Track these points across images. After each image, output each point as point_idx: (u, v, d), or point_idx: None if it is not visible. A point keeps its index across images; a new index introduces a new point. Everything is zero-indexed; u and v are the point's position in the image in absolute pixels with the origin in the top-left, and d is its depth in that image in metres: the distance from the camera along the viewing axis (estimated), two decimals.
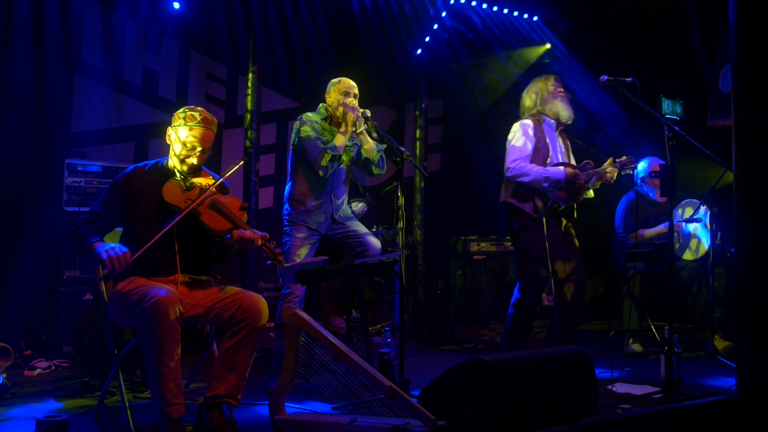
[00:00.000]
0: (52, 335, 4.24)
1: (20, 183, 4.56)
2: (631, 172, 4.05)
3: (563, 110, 4.11)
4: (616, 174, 4.00)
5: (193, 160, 2.96)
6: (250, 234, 2.84)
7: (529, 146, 4.00)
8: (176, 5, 5.33)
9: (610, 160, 4.02)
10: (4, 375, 3.42)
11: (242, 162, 3.11)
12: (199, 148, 2.95)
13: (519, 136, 4.04)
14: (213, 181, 3.03)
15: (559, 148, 4.14)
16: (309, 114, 3.81)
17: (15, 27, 4.62)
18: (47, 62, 4.80)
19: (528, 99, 4.21)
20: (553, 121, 4.13)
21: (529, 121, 4.08)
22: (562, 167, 3.96)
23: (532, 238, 3.94)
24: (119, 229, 3.11)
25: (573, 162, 4.23)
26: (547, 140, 4.07)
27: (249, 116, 5.42)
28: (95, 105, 5.14)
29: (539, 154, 4.02)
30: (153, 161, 3.08)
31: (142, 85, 5.43)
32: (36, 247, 4.36)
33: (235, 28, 5.65)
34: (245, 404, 3.20)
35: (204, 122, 2.96)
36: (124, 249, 2.71)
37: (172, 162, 3.02)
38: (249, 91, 5.44)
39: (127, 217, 2.96)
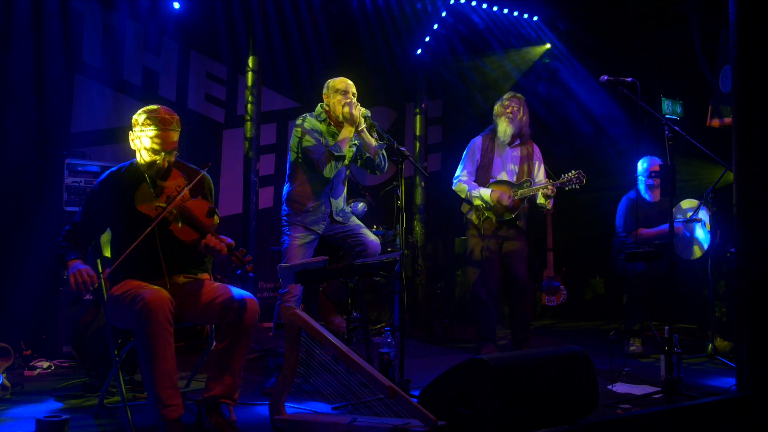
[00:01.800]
0: (52, 335, 4.24)
1: (20, 183, 4.56)
2: (577, 188, 4.27)
3: (502, 130, 4.44)
4: (553, 191, 4.25)
5: (160, 164, 2.86)
6: (216, 242, 2.77)
7: (472, 163, 4.49)
8: (176, 5, 5.33)
9: (547, 181, 4.32)
10: (4, 375, 3.42)
11: (207, 167, 3.03)
12: (162, 152, 2.83)
13: (466, 153, 4.55)
14: (183, 183, 2.92)
15: (507, 164, 4.48)
16: (309, 118, 3.78)
17: (15, 27, 4.62)
18: (47, 62, 4.80)
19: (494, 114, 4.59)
20: (503, 137, 4.47)
21: (478, 140, 4.53)
22: (489, 189, 4.36)
23: (480, 240, 4.44)
24: None
25: (536, 173, 4.50)
26: (494, 156, 4.47)
27: (249, 117, 5.42)
28: (95, 105, 5.14)
29: (483, 169, 4.47)
30: (128, 162, 3.01)
31: (142, 85, 5.43)
32: (36, 247, 4.36)
33: (235, 28, 5.65)
34: (245, 404, 3.20)
35: (162, 123, 2.81)
36: (91, 272, 2.70)
37: (142, 165, 2.93)
38: (249, 91, 5.44)
39: (108, 222, 2.97)
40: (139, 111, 2.89)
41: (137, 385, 3.52)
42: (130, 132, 2.90)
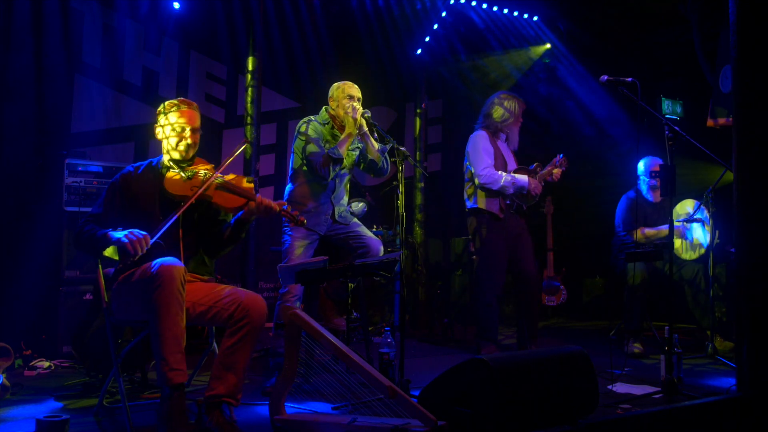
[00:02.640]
0: (52, 335, 4.24)
1: (20, 183, 4.56)
2: (564, 169, 4.49)
3: (515, 138, 4.59)
4: (560, 172, 4.47)
5: (187, 141, 3.03)
6: (268, 201, 2.91)
7: (490, 156, 4.43)
8: (176, 5, 5.33)
9: (553, 162, 4.47)
10: (4, 375, 3.42)
11: (245, 145, 3.13)
12: (188, 129, 3.03)
13: (481, 147, 4.43)
14: (212, 166, 3.07)
15: (510, 158, 4.58)
16: (312, 123, 3.78)
17: (15, 27, 4.62)
18: (47, 62, 4.79)
19: (497, 111, 4.51)
20: (504, 135, 4.58)
21: (484, 133, 4.50)
22: (525, 175, 4.40)
23: (494, 238, 4.39)
24: None
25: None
26: (501, 151, 4.52)
27: (249, 117, 5.42)
28: (95, 105, 5.14)
29: (498, 163, 4.45)
30: (146, 162, 3.10)
31: (142, 85, 5.43)
32: (36, 247, 4.36)
33: (235, 28, 5.65)
34: (245, 404, 3.20)
35: (184, 103, 3.07)
36: (142, 232, 2.69)
37: (167, 156, 3.07)
38: (248, 92, 5.44)
39: (128, 217, 2.95)
40: (162, 104, 3.10)
41: (137, 385, 3.52)
42: (156, 125, 3.08)
